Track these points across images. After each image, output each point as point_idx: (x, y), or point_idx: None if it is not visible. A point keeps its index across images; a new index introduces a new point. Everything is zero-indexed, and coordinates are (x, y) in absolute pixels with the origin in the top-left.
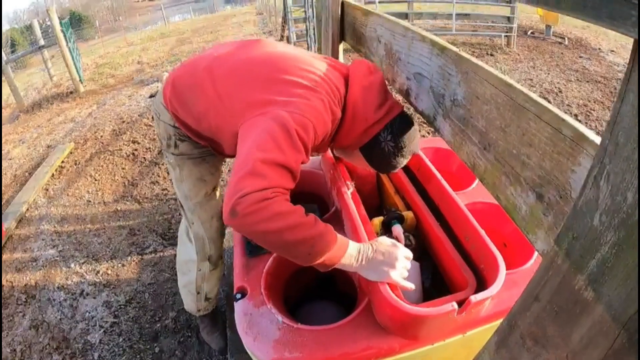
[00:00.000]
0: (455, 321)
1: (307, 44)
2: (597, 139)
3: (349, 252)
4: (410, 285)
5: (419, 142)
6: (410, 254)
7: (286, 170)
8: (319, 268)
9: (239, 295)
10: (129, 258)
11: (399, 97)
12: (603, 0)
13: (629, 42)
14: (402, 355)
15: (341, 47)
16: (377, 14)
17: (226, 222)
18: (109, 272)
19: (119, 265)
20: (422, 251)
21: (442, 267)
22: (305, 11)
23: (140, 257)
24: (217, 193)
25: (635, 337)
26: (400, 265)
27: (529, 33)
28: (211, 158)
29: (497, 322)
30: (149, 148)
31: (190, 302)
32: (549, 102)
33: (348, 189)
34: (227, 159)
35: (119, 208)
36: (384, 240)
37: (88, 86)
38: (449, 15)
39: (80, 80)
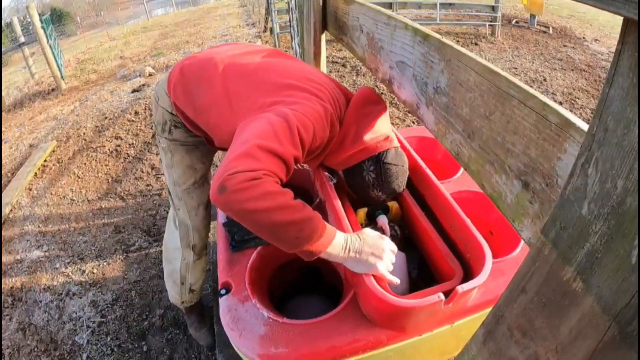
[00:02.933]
0: (442, 312)
1: (291, 35)
2: (584, 125)
3: (336, 241)
4: (396, 280)
5: (406, 131)
6: (395, 247)
7: (281, 161)
8: (304, 256)
9: (223, 291)
10: (115, 256)
11: (381, 87)
12: None
13: (612, 31)
14: (390, 347)
15: (323, 37)
16: (359, 2)
17: (213, 199)
18: (95, 271)
19: (105, 263)
20: (408, 241)
21: (428, 257)
22: (288, 2)
23: (125, 254)
24: (206, 183)
25: (627, 329)
26: (386, 258)
27: (513, 22)
28: (203, 147)
29: (486, 312)
30: (132, 144)
31: (174, 293)
32: (536, 89)
33: (331, 181)
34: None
35: (103, 206)
36: (371, 232)
37: (70, 83)
38: (433, 5)
39: (61, 77)
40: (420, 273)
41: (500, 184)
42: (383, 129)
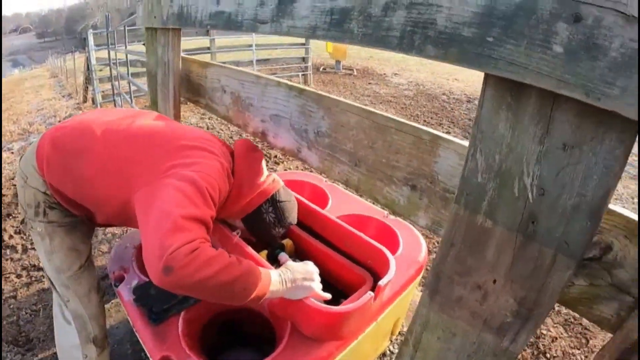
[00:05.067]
0: (370, 309)
1: (115, 104)
2: (448, 137)
3: (274, 280)
4: (328, 295)
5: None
6: (317, 268)
7: (203, 224)
8: (252, 303)
9: None
10: None
11: (254, 139)
12: (476, 57)
13: (407, 65)
14: (340, 357)
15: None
16: (219, 65)
17: (160, 283)
18: None
19: None
20: None
21: (334, 275)
22: (110, 69)
23: None
24: (92, 264)
25: (526, 232)
26: (317, 278)
27: (321, 69)
28: (83, 226)
29: (396, 301)
30: None
31: None
32: None
33: (235, 232)
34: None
35: None
36: (293, 262)
37: None
38: (249, 62)
39: None
40: None
41: (392, 192)
42: (267, 172)
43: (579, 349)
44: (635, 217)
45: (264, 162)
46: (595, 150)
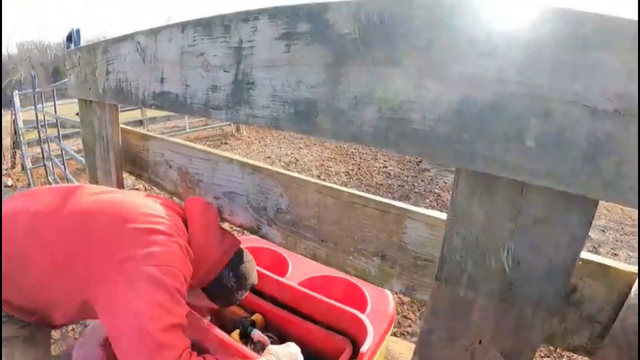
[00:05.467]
0: None
1: (46, 170)
2: (415, 208)
3: None
4: None
5: None
6: (299, 348)
7: (181, 329)
8: None
9: None
10: None
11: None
12: (453, 154)
13: None
14: None
15: None
16: (161, 138)
17: None
18: None
19: None
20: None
21: (309, 345)
22: (39, 132)
23: None
24: None
25: (506, 297)
26: (301, 359)
27: None
28: (41, 333)
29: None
30: None
31: None
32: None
33: (206, 318)
34: None
35: None
36: (275, 346)
37: None
38: (180, 116)
39: None
40: None
41: (362, 264)
42: (223, 230)
43: (549, 357)
44: (593, 258)
45: (218, 220)
46: (564, 222)
